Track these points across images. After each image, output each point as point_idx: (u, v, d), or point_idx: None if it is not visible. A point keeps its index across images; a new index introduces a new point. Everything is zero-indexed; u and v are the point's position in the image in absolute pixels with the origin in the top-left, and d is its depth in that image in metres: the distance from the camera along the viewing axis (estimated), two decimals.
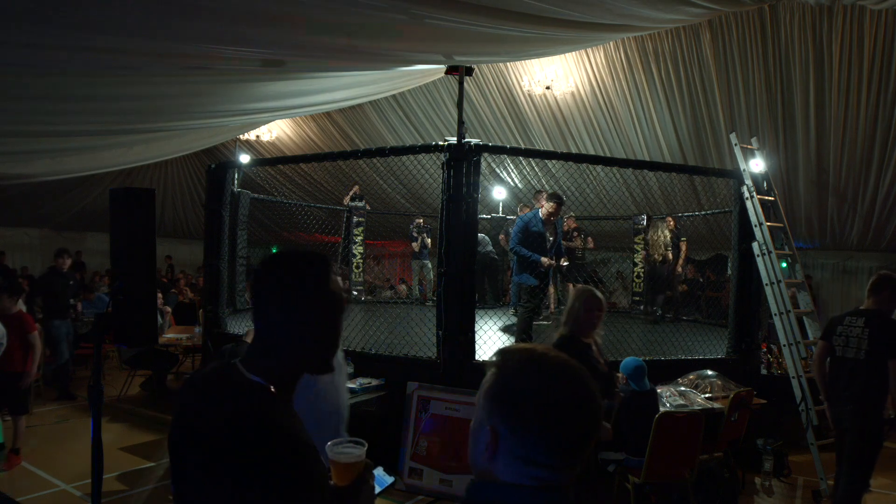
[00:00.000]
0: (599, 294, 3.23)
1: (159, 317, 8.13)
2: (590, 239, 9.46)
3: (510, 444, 0.90)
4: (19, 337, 5.04)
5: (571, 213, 8.80)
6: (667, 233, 8.53)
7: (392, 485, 4.31)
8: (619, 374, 4.18)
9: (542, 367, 0.93)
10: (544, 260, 5.44)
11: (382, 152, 5.84)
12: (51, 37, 3.63)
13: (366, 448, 1.33)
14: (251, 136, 12.07)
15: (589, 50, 8.92)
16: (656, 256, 8.44)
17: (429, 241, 9.51)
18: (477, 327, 5.09)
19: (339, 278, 1.25)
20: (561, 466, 0.90)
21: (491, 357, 0.99)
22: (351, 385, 4.61)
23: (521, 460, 0.90)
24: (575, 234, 9.15)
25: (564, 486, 0.92)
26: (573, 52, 8.87)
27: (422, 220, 9.94)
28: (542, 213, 5.68)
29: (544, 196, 8.12)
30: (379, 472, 1.36)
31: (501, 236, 9.36)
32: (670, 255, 8.50)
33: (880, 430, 3.63)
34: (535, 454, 0.89)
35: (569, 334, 3.18)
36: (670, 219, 8.89)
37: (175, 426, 1.14)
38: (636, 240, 9.57)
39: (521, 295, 5.77)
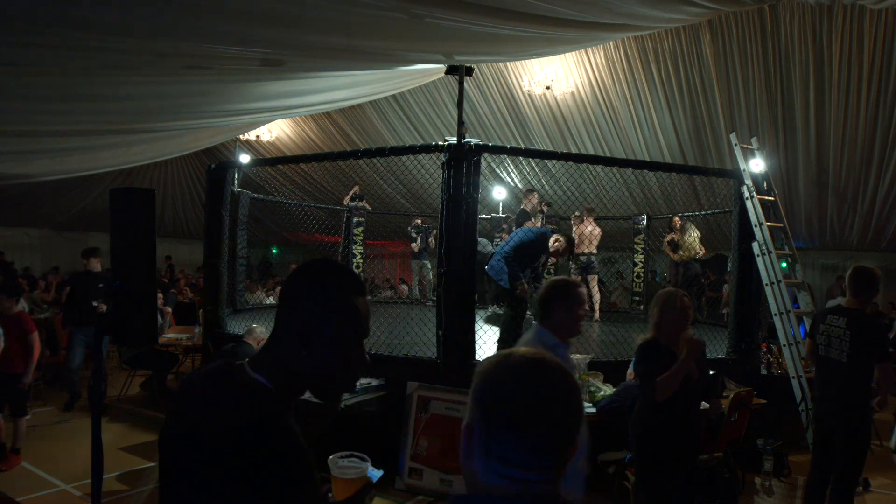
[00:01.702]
0: (672, 294, 3.06)
1: (159, 317, 8.09)
2: None
3: (485, 443, 0.90)
4: (19, 338, 5.04)
5: (577, 213, 8.83)
6: (697, 233, 8.52)
7: (392, 484, 4.33)
8: (630, 371, 4.21)
9: (514, 365, 0.93)
10: (521, 289, 5.14)
11: (382, 152, 5.84)
12: (51, 37, 3.63)
13: (368, 464, 1.33)
14: (251, 136, 12.07)
15: (589, 50, 8.92)
16: (693, 256, 8.40)
17: (432, 240, 9.43)
18: (477, 327, 5.09)
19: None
20: (538, 465, 0.89)
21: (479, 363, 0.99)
22: None
23: (496, 459, 0.89)
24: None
25: (545, 490, 0.90)
26: (573, 52, 8.87)
27: (420, 221, 9.95)
28: (551, 244, 5.36)
29: (535, 196, 8.15)
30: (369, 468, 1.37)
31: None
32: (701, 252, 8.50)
33: (868, 430, 3.61)
34: (509, 452, 0.89)
35: (650, 338, 3.05)
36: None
37: (169, 424, 1.13)
38: (636, 240, 9.57)
39: (502, 298, 5.45)
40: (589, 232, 8.39)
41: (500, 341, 5.28)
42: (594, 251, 8.49)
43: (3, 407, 5.12)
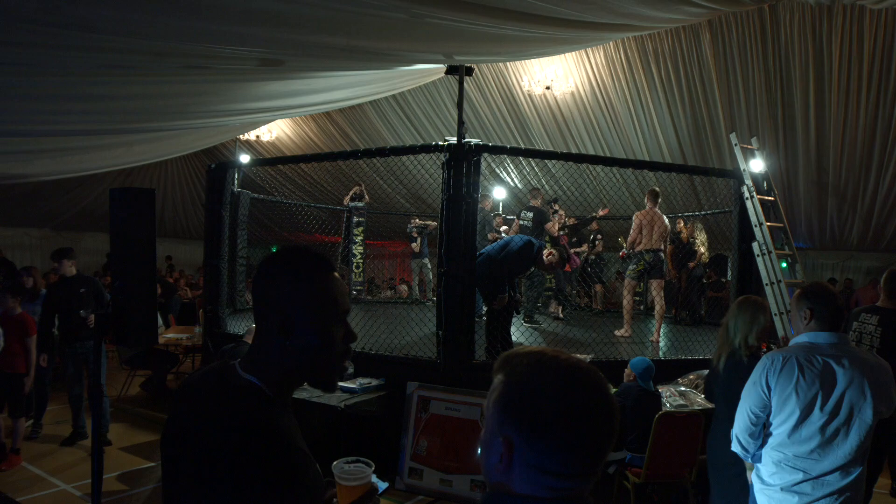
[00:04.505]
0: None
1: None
2: (585, 245, 9.45)
3: (526, 455, 0.86)
4: (20, 339, 5.03)
5: (594, 214, 8.82)
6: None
7: (392, 484, 4.33)
8: (627, 371, 4.22)
9: (554, 371, 0.88)
10: (497, 302, 5.15)
11: (382, 152, 5.83)
12: (51, 37, 3.63)
13: (373, 470, 1.31)
14: (251, 136, 12.07)
15: (589, 50, 8.92)
16: (703, 257, 8.34)
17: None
18: (477, 327, 5.09)
19: (343, 283, 1.19)
20: (580, 474, 0.87)
21: (496, 363, 0.95)
22: (351, 385, 4.61)
23: (539, 470, 0.86)
24: (598, 237, 9.36)
25: (583, 495, 0.88)
26: (573, 52, 8.88)
27: (417, 220, 9.96)
28: (545, 257, 5.48)
29: (541, 195, 8.12)
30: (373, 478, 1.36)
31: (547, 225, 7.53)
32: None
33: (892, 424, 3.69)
34: (553, 464, 0.85)
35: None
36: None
37: (168, 427, 1.13)
38: None
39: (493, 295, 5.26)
40: (659, 220, 6.89)
41: (488, 348, 5.23)
42: (660, 247, 6.87)
43: (3, 407, 5.13)
